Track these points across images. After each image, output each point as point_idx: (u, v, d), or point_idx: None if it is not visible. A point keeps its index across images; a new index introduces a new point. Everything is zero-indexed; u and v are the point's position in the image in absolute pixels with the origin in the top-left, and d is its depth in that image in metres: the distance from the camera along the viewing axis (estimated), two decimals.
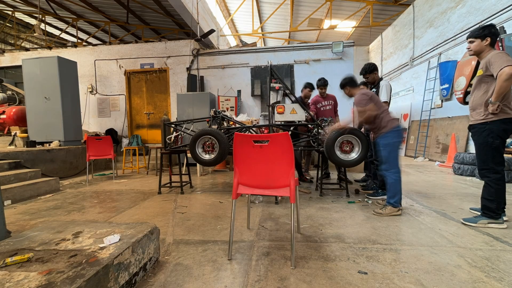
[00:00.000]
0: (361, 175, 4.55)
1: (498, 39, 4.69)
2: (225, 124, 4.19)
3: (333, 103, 4.39)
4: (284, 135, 1.77)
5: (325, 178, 4.20)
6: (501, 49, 4.56)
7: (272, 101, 3.53)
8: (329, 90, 4.44)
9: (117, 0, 8.14)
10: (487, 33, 2.22)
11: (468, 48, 2.39)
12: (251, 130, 3.81)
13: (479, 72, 2.33)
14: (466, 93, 5.43)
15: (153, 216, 2.74)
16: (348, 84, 2.95)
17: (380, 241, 2.00)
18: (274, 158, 1.82)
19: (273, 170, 1.84)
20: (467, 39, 2.38)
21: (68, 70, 5.69)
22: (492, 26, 2.25)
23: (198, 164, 5.22)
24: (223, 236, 2.15)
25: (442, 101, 6.71)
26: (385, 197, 3.13)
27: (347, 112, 6.40)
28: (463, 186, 3.79)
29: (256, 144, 1.83)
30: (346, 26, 11.11)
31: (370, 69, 3.32)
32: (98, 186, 4.39)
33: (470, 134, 2.44)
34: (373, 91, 3.30)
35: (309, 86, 4.41)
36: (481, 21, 5.29)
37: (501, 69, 2.03)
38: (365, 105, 2.67)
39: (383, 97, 3.17)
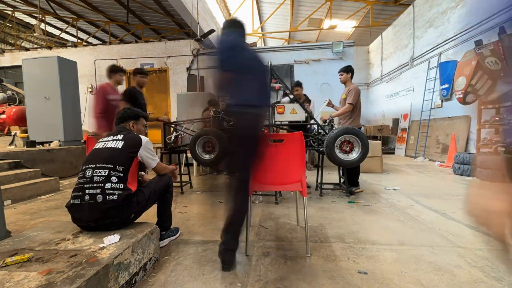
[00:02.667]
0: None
1: (498, 39, 4.69)
2: (225, 124, 4.19)
3: None
4: (298, 135, 1.91)
5: None
6: (501, 50, 4.56)
7: (272, 101, 3.53)
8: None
9: (117, 0, 8.14)
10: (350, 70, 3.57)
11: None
12: None
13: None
14: (466, 93, 5.43)
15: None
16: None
17: (380, 241, 2.00)
18: (288, 156, 1.97)
19: (286, 167, 1.99)
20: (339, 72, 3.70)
21: (68, 70, 5.68)
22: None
23: (194, 165, 5.22)
24: None
25: (442, 101, 6.71)
26: None
27: None
28: (463, 186, 3.79)
29: (271, 143, 1.98)
30: (346, 26, 11.10)
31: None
32: None
33: None
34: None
35: None
36: (481, 21, 5.29)
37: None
38: None
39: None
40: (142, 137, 1.83)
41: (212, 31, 8.24)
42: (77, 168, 5.45)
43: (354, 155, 3.03)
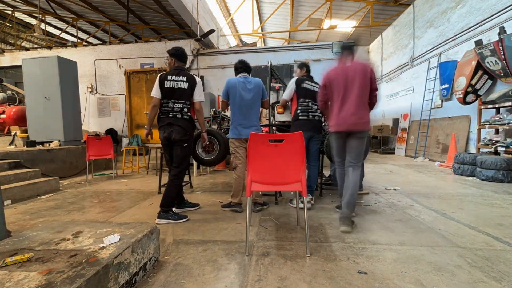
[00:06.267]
0: None
1: (498, 39, 4.69)
2: (225, 124, 4.19)
3: None
4: (298, 135, 1.91)
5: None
6: (501, 50, 4.56)
7: (272, 101, 3.53)
8: None
9: (117, 0, 8.14)
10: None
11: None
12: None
13: None
14: (466, 93, 5.43)
15: (153, 216, 2.74)
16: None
17: (380, 241, 2.00)
18: (288, 156, 1.96)
19: (286, 167, 1.98)
20: None
21: (68, 70, 5.69)
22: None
23: (194, 164, 5.22)
24: (223, 236, 2.15)
25: (442, 101, 6.71)
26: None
27: None
28: (463, 186, 3.79)
29: (271, 143, 1.97)
30: (346, 26, 11.11)
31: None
32: (98, 186, 4.39)
33: None
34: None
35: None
36: (481, 21, 5.29)
37: None
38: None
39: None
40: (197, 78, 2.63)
41: (212, 31, 8.25)
42: (77, 168, 5.45)
43: None
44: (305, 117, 2.91)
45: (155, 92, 2.57)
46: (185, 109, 2.58)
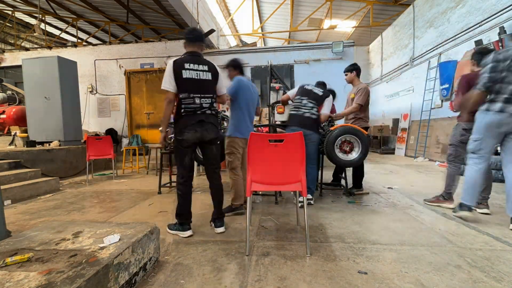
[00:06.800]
0: None
1: (498, 39, 4.69)
2: (225, 124, 4.19)
3: None
4: (298, 135, 1.91)
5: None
6: (501, 50, 4.56)
7: (272, 101, 3.53)
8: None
9: (117, 0, 8.14)
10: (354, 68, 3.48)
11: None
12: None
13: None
14: None
15: (153, 216, 2.74)
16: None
17: (380, 241, 2.00)
18: (288, 156, 1.97)
19: (286, 167, 1.99)
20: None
21: (68, 70, 5.69)
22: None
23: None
24: (223, 236, 2.15)
25: (442, 101, 6.71)
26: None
27: None
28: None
29: (271, 143, 1.97)
30: (346, 26, 11.11)
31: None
32: (98, 186, 4.39)
33: None
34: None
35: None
36: (481, 21, 5.29)
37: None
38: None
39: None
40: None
41: (212, 31, 8.24)
42: (77, 168, 5.46)
43: (354, 155, 3.03)
44: (294, 111, 2.99)
45: (168, 84, 2.11)
46: (214, 104, 2.29)
